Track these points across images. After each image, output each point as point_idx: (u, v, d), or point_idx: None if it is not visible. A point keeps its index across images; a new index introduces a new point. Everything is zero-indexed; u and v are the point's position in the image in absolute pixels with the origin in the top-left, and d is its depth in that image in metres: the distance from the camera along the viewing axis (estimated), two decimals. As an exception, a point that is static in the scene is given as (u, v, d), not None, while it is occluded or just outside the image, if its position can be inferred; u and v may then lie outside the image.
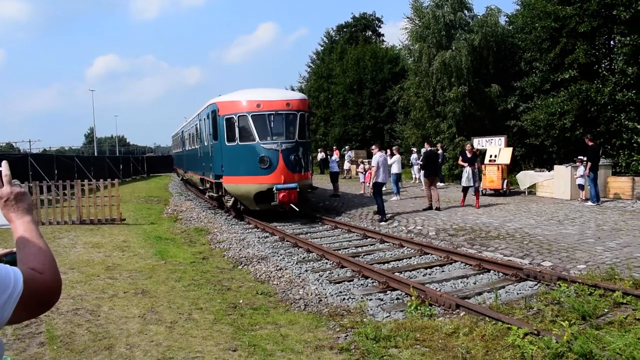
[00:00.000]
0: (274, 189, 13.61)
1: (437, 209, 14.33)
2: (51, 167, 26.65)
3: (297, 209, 13.89)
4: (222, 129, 14.74)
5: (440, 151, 21.10)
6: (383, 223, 13.34)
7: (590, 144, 14.26)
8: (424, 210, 14.42)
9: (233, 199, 15.30)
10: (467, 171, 14.36)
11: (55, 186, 15.50)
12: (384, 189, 14.34)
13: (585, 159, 14.48)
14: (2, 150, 52.93)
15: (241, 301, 6.91)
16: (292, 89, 49.74)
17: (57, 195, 15.18)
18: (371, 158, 14.59)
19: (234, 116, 14.36)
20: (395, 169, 18.03)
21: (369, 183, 17.10)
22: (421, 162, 16.22)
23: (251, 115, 14.08)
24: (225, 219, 15.86)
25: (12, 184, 1.54)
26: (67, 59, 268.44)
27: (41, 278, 1.37)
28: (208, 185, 18.16)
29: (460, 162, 15.05)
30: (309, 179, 15.31)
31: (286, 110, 14.27)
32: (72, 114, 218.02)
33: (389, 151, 19.41)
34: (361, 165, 21.66)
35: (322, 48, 48.96)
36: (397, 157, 18.17)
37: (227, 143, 14.63)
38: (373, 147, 14.46)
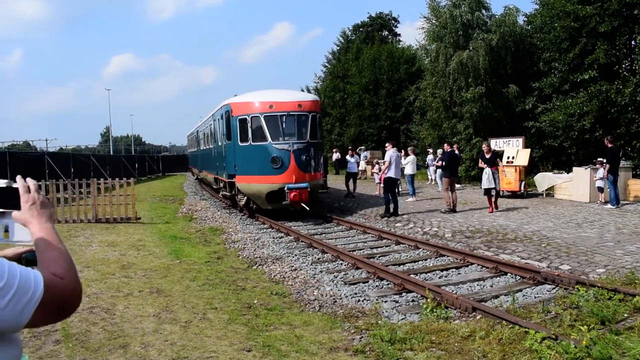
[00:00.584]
0: (286, 188, 13.82)
1: (453, 210, 14.16)
2: (67, 165, 26.93)
3: (308, 208, 14.10)
4: (236, 130, 15.00)
5: (456, 152, 20.93)
6: (398, 225, 13.25)
7: (609, 145, 14.00)
8: (445, 213, 13.99)
9: (246, 198, 15.59)
10: (487, 172, 13.98)
11: (71, 184, 15.66)
12: (400, 189, 14.22)
13: (604, 161, 14.24)
14: (19, 148, 53.73)
15: (256, 301, 6.90)
16: (308, 89, 49.85)
17: (73, 194, 15.33)
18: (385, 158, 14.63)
19: (247, 117, 14.65)
20: (409, 169, 17.92)
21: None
22: (440, 163, 15.85)
23: (264, 116, 14.35)
24: (240, 218, 15.90)
25: (38, 193, 1.57)
26: (84, 58, 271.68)
27: (62, 283, 1.37)
28: (222, 185, 18.47)
29: (480, 164, 14.61)
30: (319, 179, 15.54)
31: (298, 111, 14.55)
32: (88, 112, 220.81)
33: (403, 152, 19.28)
34: (376, 166, 21.57)
35: (338, 48, 48.89)
36: (411, 157, 18.05)
37: (240, 143, 14.89)
38: (387, 144, 14.47)
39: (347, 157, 21.35)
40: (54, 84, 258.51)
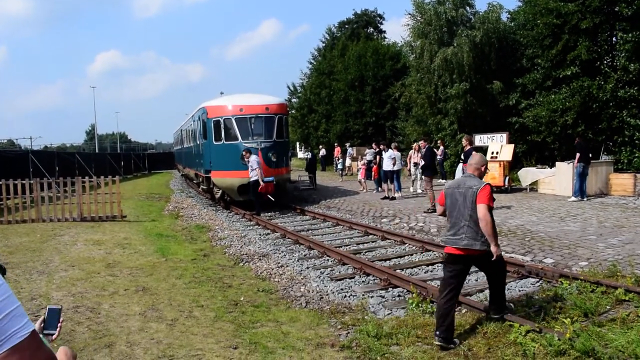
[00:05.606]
0: None
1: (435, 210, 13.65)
2: (52, 164, 26.61)
3: (273, 199, 15.52)
4: (211, 130, 16.65)
5: (441, 148, 21.02)
6: (384, 220, 13.30)
7: (577, 139, 14.99)
8: (427, 212, 13.52)
9: (221, 191, 17.31)
10: (458, 169, 13.53)
11: (56, 183, 15.50)
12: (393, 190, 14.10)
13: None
14: (2, 147, 52.98)
15: (242, 298, 6.90)
16: (294, 86, 50.03)
17: (58, 192, 15.17)
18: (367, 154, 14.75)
19: (220, 119, 16.36)
20: (392, 165, 17.36)
21: (364, 179, 19.98)
22: (424, 161, 15.34)
23: (235, 118, 16.07)
24: (227, 216, 15.92)
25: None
26: (69, 56, 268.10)
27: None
28: (200, 179, 20.32)
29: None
30: (284, 174, 17.25)
31: (265, 113, 16.28)
32: (73, 110, 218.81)
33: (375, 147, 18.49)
34: (362, 160, 21.55)
35: (324, 44, 48.89)
36: (390, 153, 17.47)
37: (214, 142, 16.53)
38: (245, 152, 15.04)
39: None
40: (39, 82, 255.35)
